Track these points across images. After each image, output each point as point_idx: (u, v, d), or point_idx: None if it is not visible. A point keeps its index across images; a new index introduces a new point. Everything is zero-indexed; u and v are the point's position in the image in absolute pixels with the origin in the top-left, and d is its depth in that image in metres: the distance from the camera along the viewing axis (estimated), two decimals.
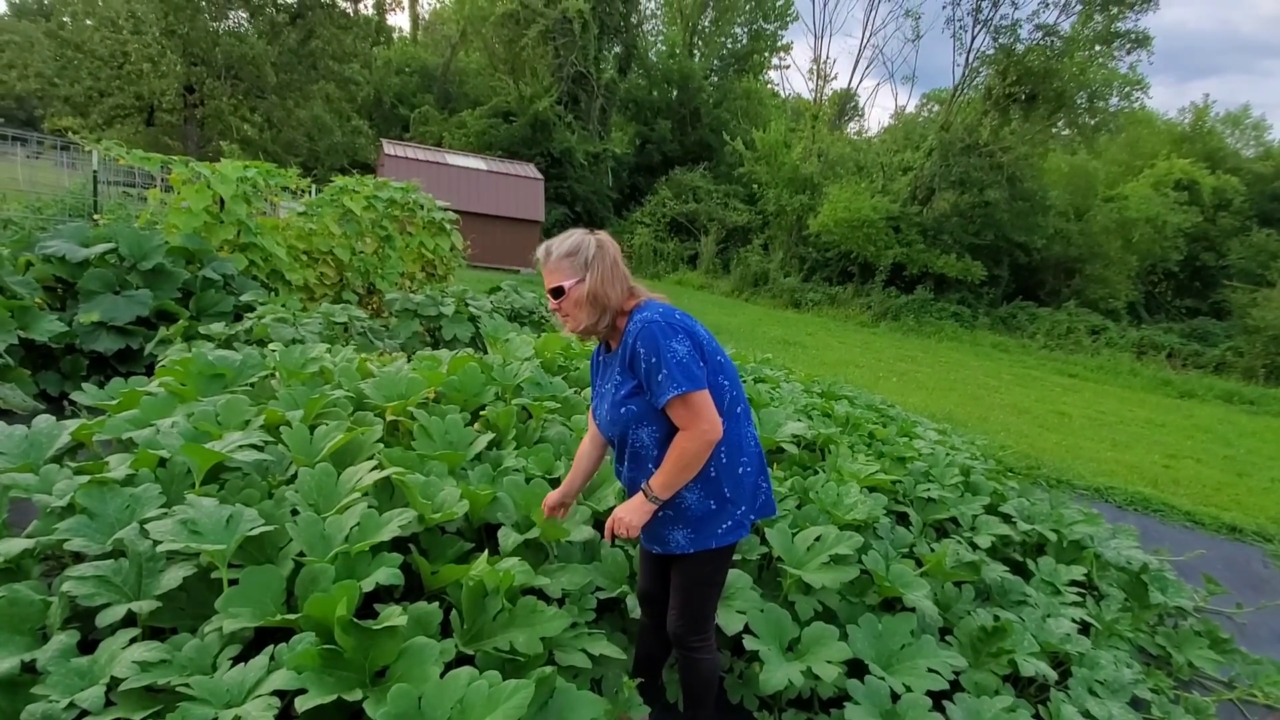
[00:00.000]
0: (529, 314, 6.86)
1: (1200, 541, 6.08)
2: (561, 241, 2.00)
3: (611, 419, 2.00)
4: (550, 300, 1.99)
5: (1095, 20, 20.49)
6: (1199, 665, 3.37)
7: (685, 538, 2.00)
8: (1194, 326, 23.02)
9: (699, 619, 2.07)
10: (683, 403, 1.84)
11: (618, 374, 1.99)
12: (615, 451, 2.11)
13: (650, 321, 1.90)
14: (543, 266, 1.99)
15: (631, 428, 1.97)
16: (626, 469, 2.06)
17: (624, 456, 2.05)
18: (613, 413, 1.99)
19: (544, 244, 2.01)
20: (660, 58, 36.64)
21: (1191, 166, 25.47)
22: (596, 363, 2.19)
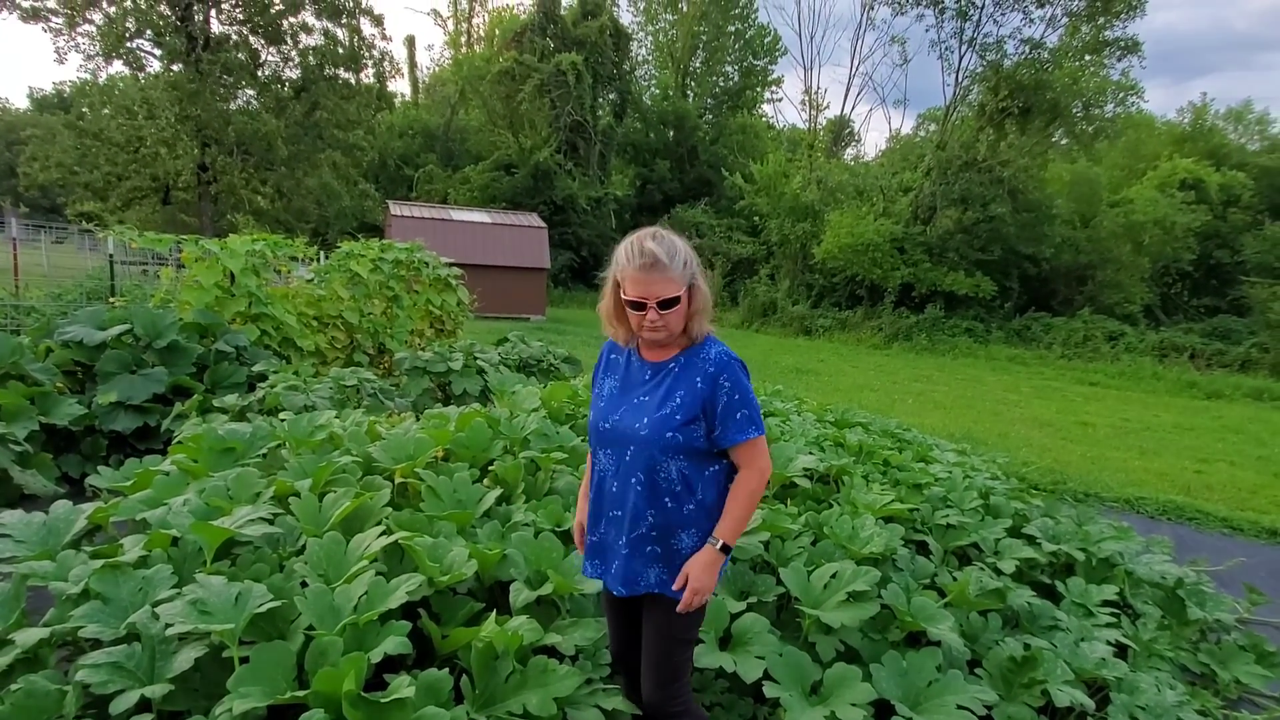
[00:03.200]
0: (537, 363, 6.90)
1: (1240, 548, 5.91)
2: (670, 247, 1.84)
3: (650, 436, 1.85)
4: (653, 312, 1.81)
5: (1083, 31, 20.70)
6: (1246, 682, 3.25)
7: (658, 576, 1.90)
8: (1215, 325, 22.68)
9: (674, 679, 1.94)
10: (753, 445, 1.89)
11: (679, 394, 1.87)
12: (615, 469, 1.92)
13: (732, 356, 1.94)
14: (646, 272, 1.78)
15: (666, 456, 1.86)
16: (633, 496, 1.89)
17: (634, 481, 1.88)
18: (654, 431, 1.85)
19: (641, 245, 1.81)
20: (655, 101, 37.37)
21: (1195, 165, 25.40)
22: (615, 364, 2.02)
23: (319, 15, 26.53)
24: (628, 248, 1.85)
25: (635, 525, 1.91)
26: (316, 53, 26.46)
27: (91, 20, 24.35)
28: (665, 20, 39.68)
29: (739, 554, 2.84)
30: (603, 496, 1.97)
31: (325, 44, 26.76)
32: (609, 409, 1.96)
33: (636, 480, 1.88)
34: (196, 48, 24.56)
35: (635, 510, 1.90)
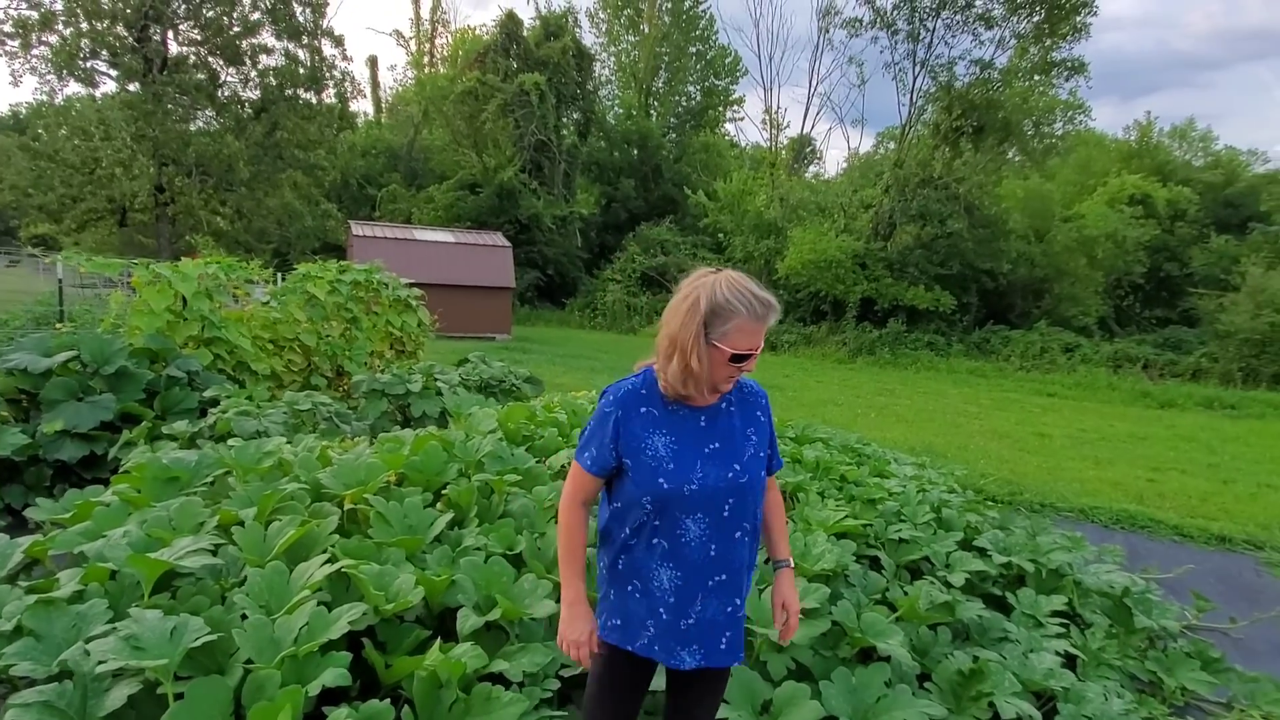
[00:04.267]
0: (498, 383, 6.86)
1: (1189, 555, 6.06)
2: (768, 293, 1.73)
3: (751, 483, 1.79)
4: (753, 360, 1.73)
5: (1031, 52, 21.39)
6: (1192, 688, 3.33)
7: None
8: (1166, 336, 23.41)
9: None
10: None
11: (751, 433, 1.84)
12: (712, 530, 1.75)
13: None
14: (765, 322, 1.69)
15: (760, 498, 1.86)
16: (740, 551, 1.80)
17: (740, 535, 1.79)
18: (754, 476, 1.80)
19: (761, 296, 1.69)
20: (618, 120, 37.64)
21: (1143, 181, 26.29)
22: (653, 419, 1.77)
23: (279, 36, 26.33)
24: (743, 297, 1.65)
25: (741, 583, 1.83)
26: (277, 73, 26.23)
27: (47, 42, 23.89)
28: (627, 41, 40.13)
29: None
30: (698, 568, 1.76)
31: (286, 64, 26.54)
32: (684, 469, 1.73)
33: (742, 534, 1.80)
34: (153, 69, 24.20)
35: (741, 566, 1.82)
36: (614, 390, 1.83)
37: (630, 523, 1.77)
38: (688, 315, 1.67)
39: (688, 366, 1.68)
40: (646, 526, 1.76)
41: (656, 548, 1.76)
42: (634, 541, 1.78)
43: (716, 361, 1.69)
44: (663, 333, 1.72)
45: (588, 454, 1.80)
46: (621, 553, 1.81)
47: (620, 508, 1.81)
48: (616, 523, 1.82)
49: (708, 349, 1.67)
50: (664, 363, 1.73)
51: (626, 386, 1.81)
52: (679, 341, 1.67)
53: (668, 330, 1.70)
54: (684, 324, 1.67)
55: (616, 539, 1.82)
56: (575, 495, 1.84)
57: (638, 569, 1.78)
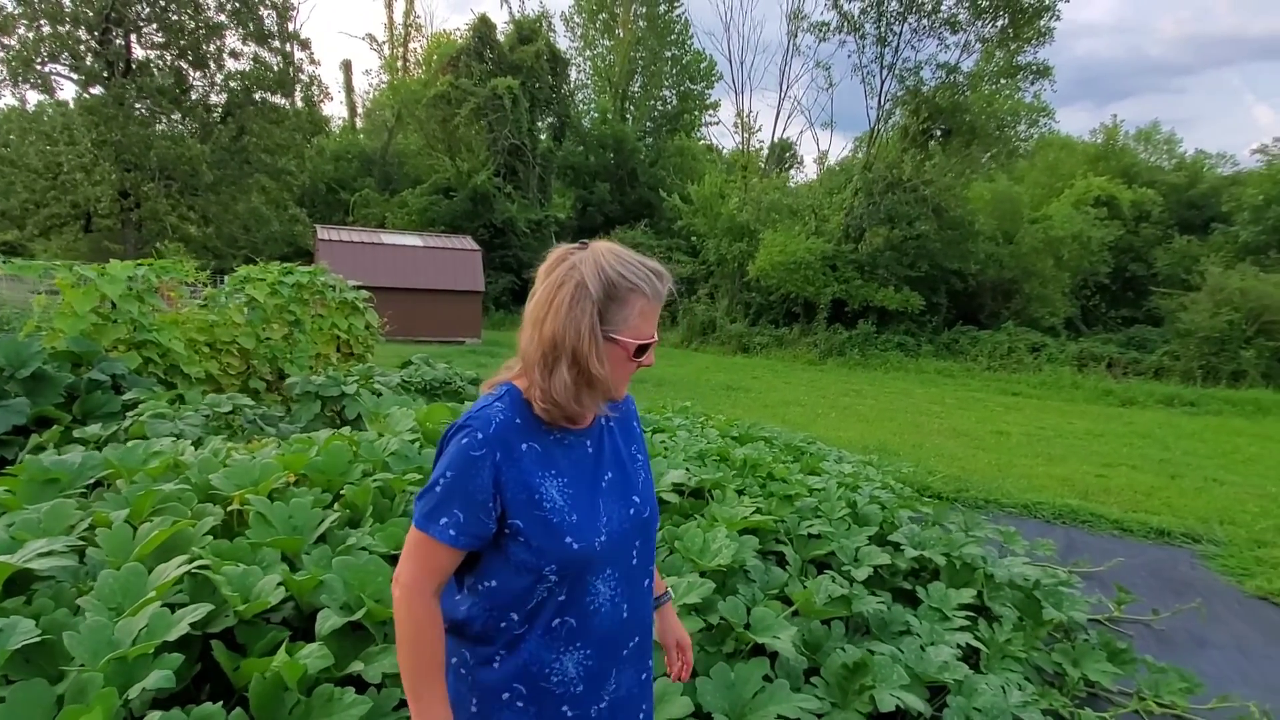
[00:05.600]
0: (442, 385, 6.78)
1: (1125, 549, 6.11)
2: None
3: (652, 515, 1.50)
4: (652, 352, 1.39)
5: (996, 56, 21.64)
6: (1096, 679, 3.33)
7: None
8: (1131, 335, 23.72)
9: None
10: None
11: (636, 450, 1.53)
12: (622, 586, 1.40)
13: None
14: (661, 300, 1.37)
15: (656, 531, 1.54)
16: (646, 602, 1.49)
17: (646, 583, 1.49)
18: (653, 506, 1.51)
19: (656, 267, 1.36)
20: (594, 124, 37.66)
21: (1108, 183, 26.63)
22: (536, 456, 1.34)
23: (246, 40, 26.09)
24: (637, 269, 1.32)
25: (650, 641, 1.52)
26: (244, 77, 25.98)
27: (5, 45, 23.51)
28: (602, 45, 40.20)
29: None
30: (611, 639, 1.39)
31: (254, 68, 26.31)
32: (589, 517, 1.35)
33: (647, 579, 1.48)
34: (115, 72, 23.87)
35: (650, 621, 1.51)
36: (476, 423, 1.30)
37: (518, 608, 1.32)
38: (573, 305, 1.27)
39: (585, 374, 1.30)
40: (546, 605, 1.33)
41: (559, 630, 1.34)
42: (522, 631, 1.33)
43: (616, 360, 1.33)
44: (533, 336, 1.31)
45: (445, 520, 1.27)
46: (499, 654, 1.34)
47: (495, 589, 1.33)
48: (490, 612, 1.34)
49: (607, 346, 1.31)
50: (541, 376, 1.30)
51: (495, 417, 1.31)
52: (565, 342, 1.27)
53: (544, 331, 1.28)
54: (569, 318, 1.27)
55: (491, 635, 1.34)
56: (425, 581, 1.30)
57: (525, 669, 1.33)
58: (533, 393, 1.34)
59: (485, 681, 1.35)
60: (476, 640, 1.36)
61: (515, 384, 1.38)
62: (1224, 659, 4.14)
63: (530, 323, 1.32)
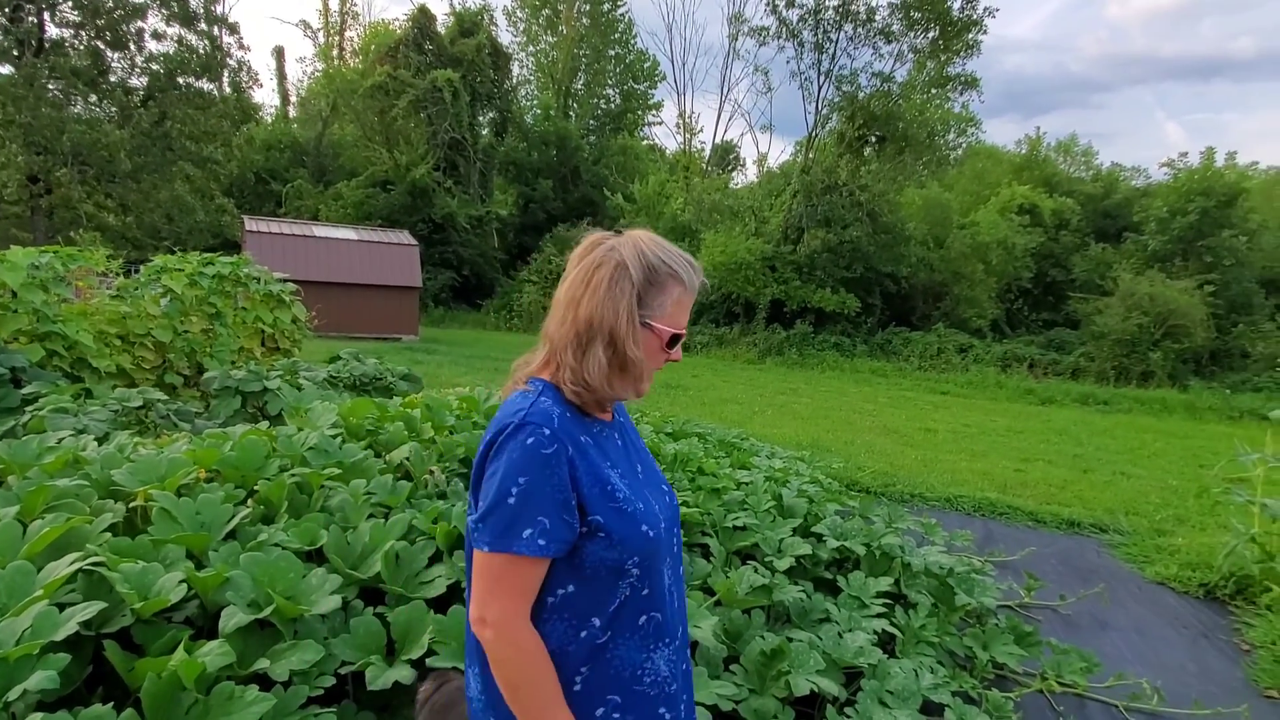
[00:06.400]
0: (372, 381, 6.63)
1: (1038, 539, 6.39)
2: None
3: (677, 505, 1.47)
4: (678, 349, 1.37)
5: (928, 67, 22.37)
6: (1004, 661, 3.47)
7: None
8: (1051, 337, 24.84)
9: None
10: None
11: (642, 444, 1.50)
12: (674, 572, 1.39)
13: None
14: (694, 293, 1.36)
15: None
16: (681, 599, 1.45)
17: (680, 566, 1.45)
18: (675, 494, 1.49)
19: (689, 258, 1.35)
20: (537, 121, 37.39)
21: (1031, 192, 27.83)
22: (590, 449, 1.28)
23: (169, 21, 24.95)
24: (677, 258, 1.31)
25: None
26: (167, 60, 24.83)
27: None
28: (546, 42, 39.95)
29: None
30: (677, 628, 1.38)
31: (178, 51, 25.17)
32: (648, 504, 1.32)
33: (679, 577, 1.46)
34: (26, 51, 22.52)
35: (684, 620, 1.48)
36: (537, 419, 1.21)
37: (600, 612, 1.25)
38: (612, 287, 1.24)
39: (620, 356, 1.25)
40: (629, 603, 1.27)
41: (648, 627, 1.29)
42: (605, 638, 1.25)
43: (649, 349, 1.30)
44: (566, 316, 1.26)
45: (530, 530, 1.17)
46: (580, 671, 1.25)
47: (571, 595, 1.24)
48: (568, 624, 1.25)
49: (642, 332, 1.27)
50: (574, 357, 1.25)
51: (552, 410, 1.24)
52: (604, 324, 1.23)
53: (581, 312, 1.24)
54: (608, 299, 1.23)
55: (568, 651, 1.24)
56: (519, 607, 1.20)
57: (618, 677, 1.26)
58: (561, 376, 1.27)
59: (574, 707, 1.24)
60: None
61: (542, 377, 1.31)
62: (1123, 640, 4.37)
63: (564, 304, 1.28)
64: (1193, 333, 20.55)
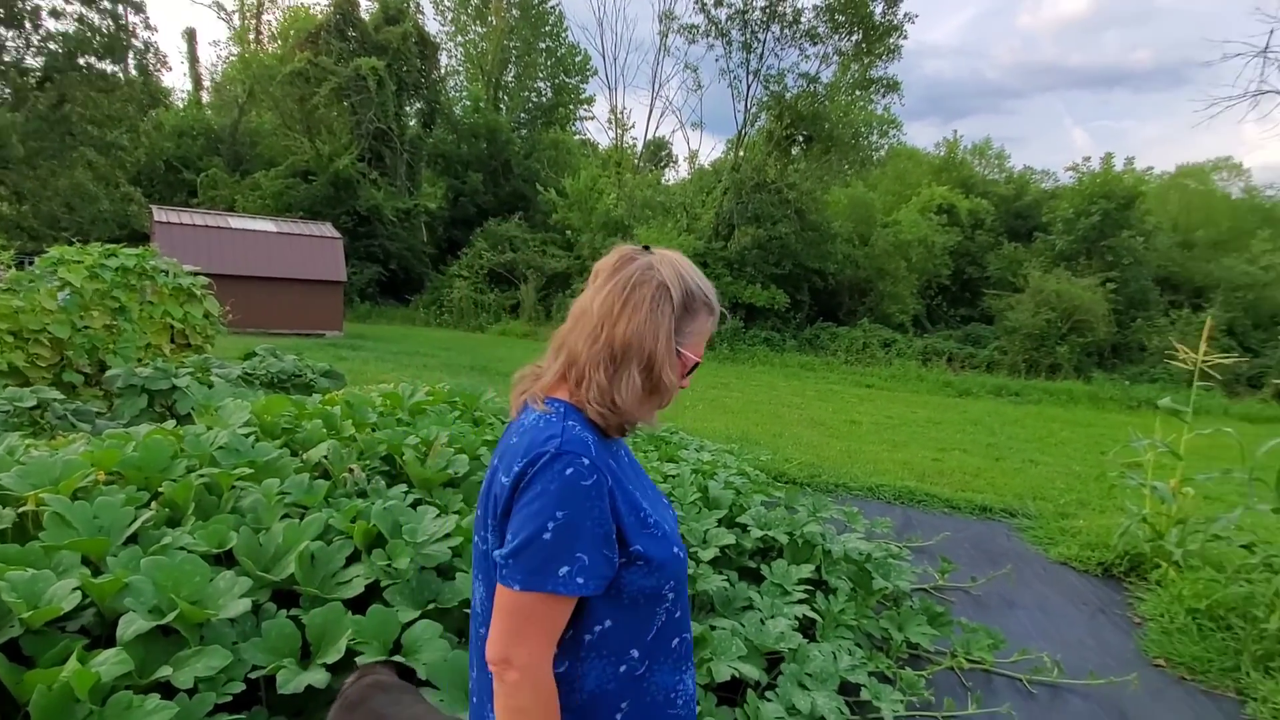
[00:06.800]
0: (290, 378, 6.40)
1: (953, 524, 6.66)
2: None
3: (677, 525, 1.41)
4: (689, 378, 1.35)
5: (852, 69, 23.01)
6: (917, 641, 3.62)
7: None
8: (968, 332, 25.96)
9: None
10: None
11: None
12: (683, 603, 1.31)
13: None
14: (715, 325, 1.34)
15: None
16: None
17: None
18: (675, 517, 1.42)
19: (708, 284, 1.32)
20: (466, 112, 36.70)
21: (949, 193, 28.97)
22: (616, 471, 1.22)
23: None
24: (707, 285, 1.29)
25: None
26: (66, 39, 23.31)
27: None
28: (474, 32, 39.26)
29: (425, 560, 2.73)
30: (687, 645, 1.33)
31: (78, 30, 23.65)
32: (672, 526, 1.30)
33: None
34: None
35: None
36: (574, 448, 1.14)
37: (639, 642, 1.21)
38: (654, 309, 1.20)
39: (654, 380, 1.22)
40: (667, 626, 1.24)
41: (680, 649, 1.27)
42: (645, 666, 1.21)
43: (683, 373, 1.29)
44: (598, 334, 1.20)
45: (568, 569, 1.10)
46: (625, 699, 1.20)
47: (610, 630, 1.19)
48: (606, 660, 1.19)
49: (675, 357, 1.24)
50: (606, 376, 1.19)
51: (585, 437, 1.18)
52: (643, 346, 1.19)
53: (618, 329, 1.19)
54: (650, 320, 1.19)
55: (605, 690, 1.19)
56: (547, 651, 1.14)
57: (653, 702, 1.23)
58: (586, 396, 1.21)
59: None
60: (583, 709, 1.18)
61: (559, 396, 1.24)
62: (1028, 618, 4.62)
63: (597, 319, 1.21)
64: (1096, 328, 21.81)
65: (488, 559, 1.22)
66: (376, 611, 2.40)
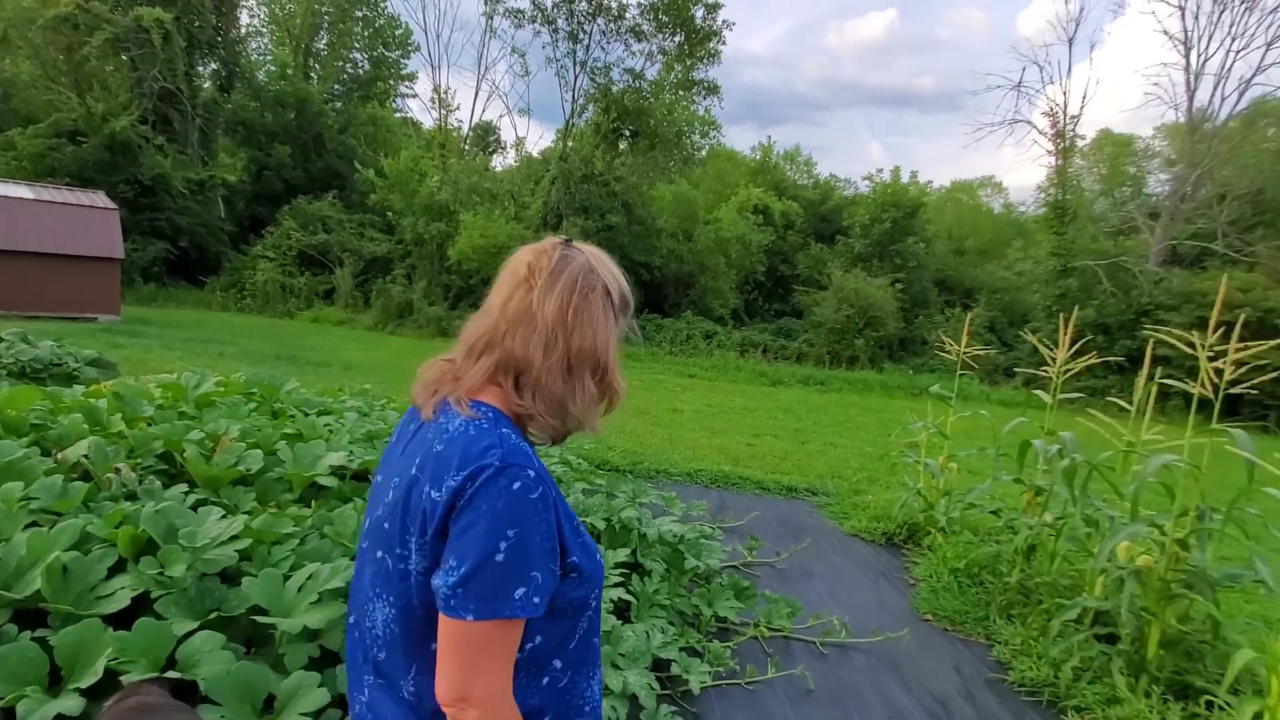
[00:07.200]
0: (49, 367, 5.55)
1: (763, 505, 7.12)
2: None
3: None
4: None
5: (676, 70, 23.79)
6: (725, 615, 3.83)
7: None
8: (781, 325, 27.82)
9: None
10: None
11: None
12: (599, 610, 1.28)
13: None
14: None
15: None
16: None
17: None
18: None
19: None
20: (271, 78, 33.70)
21: (764, 194, 30.82)
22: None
23: None
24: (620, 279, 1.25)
25: None
26: None
27: None
28: None
29: (207, 566, 2.48)
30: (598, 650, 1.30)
31: None
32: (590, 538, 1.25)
33: None
34: None
35: None
36: (519, 457, 1.06)
37: (562, 653, 1.17)
38: (606, 316, 1.18)
39: (609, 388, 1.22)
40: (585, 634, 1.20)
41: (591, 655, 1.24)
42: (567, 677, 1.19)
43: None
44: (552, 342, 1.13)
45: (523, 590, 1.03)
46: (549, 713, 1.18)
47: (538, 646, 1.14)
48: (531, 676, 1.14)
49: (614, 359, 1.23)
50: (562, 387, 1.14)
51: (524, 447, 1.10)
52: (597, 355, 1.16)
53: (574, 339, 1.14)
54: (603, 328, 1.17)
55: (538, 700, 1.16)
56: (508, 679, 1.06)
57: (572, 707, 1.21)
58: (534, 406, 1.14)
59: None
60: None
61: (489, 401, 1.15)
62: (823, 586, 5.04)
63: (550, 327, 1.12)
64: (887, 323, 24.24)
65: (405, 579, 1.10)
66: (144, 625, 2.15)
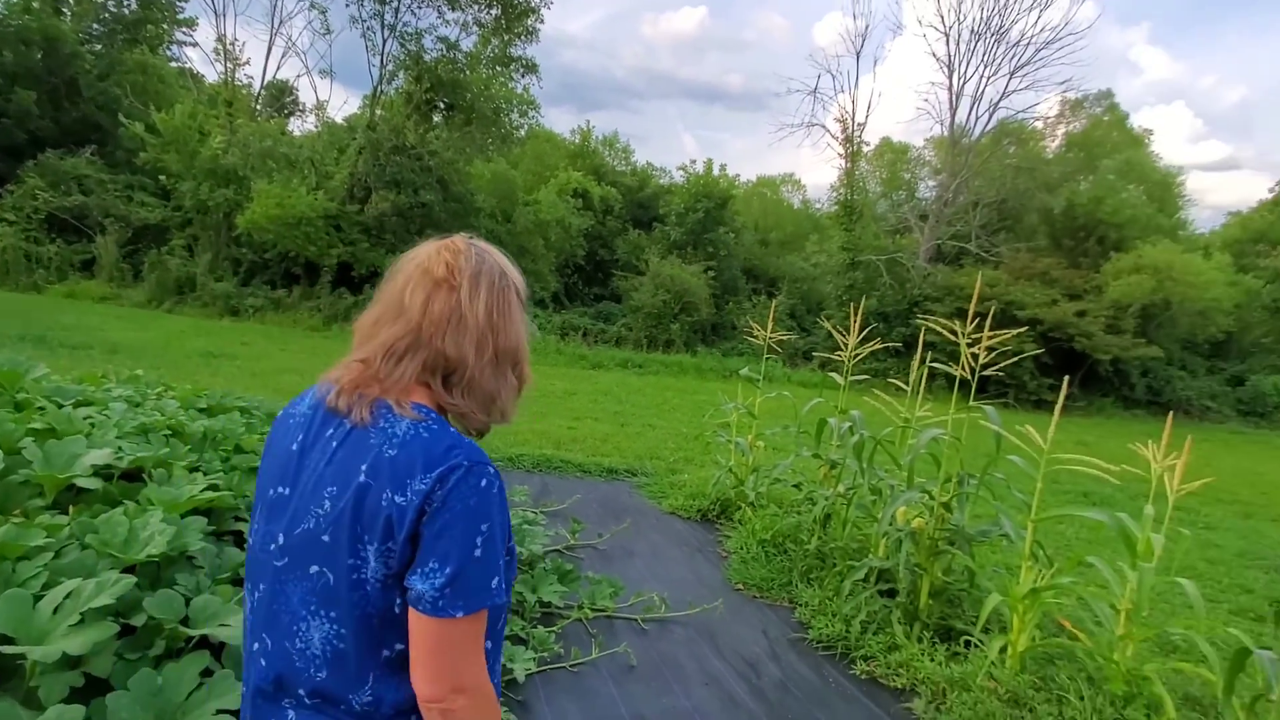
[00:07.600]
0: None
1: (584, 487, 7.18)
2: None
3: None
4: None
5: (492, 44, 23.09)
6: (549, 600, 3.81)
7: None
8: (600, 310, 28.15)
9: None
10: None
11: None
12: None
13: None
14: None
15: None
16: None
17: None
18: None
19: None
20: (12, 11, 28.39)
21: (583, 178, 30.90)
22: None
23: None
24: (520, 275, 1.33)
25: None
26: None
27: None
28: None
29: None
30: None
31: None
32: None
33: None
34: None
35: None
36: (478, 455, 1.11)
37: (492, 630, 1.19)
38: (520, 311, 1.28)
39: (523, 377, 1.30)
40: (503, 612, 1.26)
41: (501, 628, 1.30)
42: (492, 653, 1.22)
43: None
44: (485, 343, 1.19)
45: (496, 579, 1.11)
46: None
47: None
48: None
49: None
50: (494, 384, 1.22)
51: (473, 442, 1.17)
52: (517, 350, 1.26)
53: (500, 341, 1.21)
54: (519, 324, 1.27)
55: None
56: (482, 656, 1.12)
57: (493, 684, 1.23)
58: (468, 404, 1.20)
59: None
60: None
61: (418, 401, 1.17)
62: (643, 564, 5.19)
63: (482, 328, 1.19)
64: (700, 309, 25.35)
65: (358, 589, 1.08)
66: None
